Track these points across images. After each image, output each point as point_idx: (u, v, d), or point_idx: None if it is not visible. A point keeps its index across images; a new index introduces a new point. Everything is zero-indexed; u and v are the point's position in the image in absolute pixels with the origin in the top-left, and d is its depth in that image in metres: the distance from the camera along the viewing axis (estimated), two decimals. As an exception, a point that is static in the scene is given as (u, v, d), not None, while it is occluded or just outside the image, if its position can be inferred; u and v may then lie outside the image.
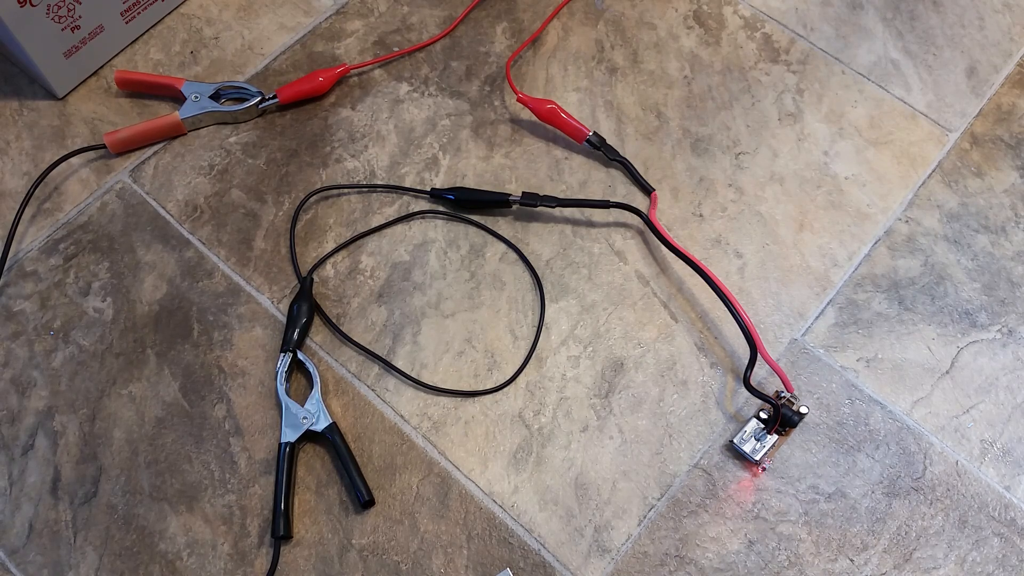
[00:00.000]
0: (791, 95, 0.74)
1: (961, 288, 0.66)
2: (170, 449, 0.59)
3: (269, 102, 0.71)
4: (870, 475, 0.59)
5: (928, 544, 0.57)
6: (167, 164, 0.70)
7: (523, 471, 0.59)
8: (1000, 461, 0.60)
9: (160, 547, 0.57)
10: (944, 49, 0.76)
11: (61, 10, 0.67)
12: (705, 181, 0.70)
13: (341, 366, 0.62)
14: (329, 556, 0.56)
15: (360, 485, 0.57)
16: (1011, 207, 0.69)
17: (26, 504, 0.58)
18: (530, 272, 0.66)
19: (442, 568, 0.56)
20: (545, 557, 0.56)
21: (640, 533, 0.57)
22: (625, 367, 0.62)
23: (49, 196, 0.68)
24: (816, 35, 0.77)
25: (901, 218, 0.68)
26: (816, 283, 0.66)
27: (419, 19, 0.77)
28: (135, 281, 0.65)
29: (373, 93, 0.73)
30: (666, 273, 0.66)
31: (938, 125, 0.72)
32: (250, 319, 0.64)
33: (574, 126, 0.69)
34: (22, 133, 0.71)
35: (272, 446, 0.59)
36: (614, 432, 0.60)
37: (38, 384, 0.61)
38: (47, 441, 0.60)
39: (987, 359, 0.63)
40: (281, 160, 0.70)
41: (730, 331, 0.64)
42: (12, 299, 0.64)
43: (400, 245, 0.67)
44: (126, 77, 0.71)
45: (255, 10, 0.78)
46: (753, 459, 0.58)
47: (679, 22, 0.77)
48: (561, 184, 0.69)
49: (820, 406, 0.61)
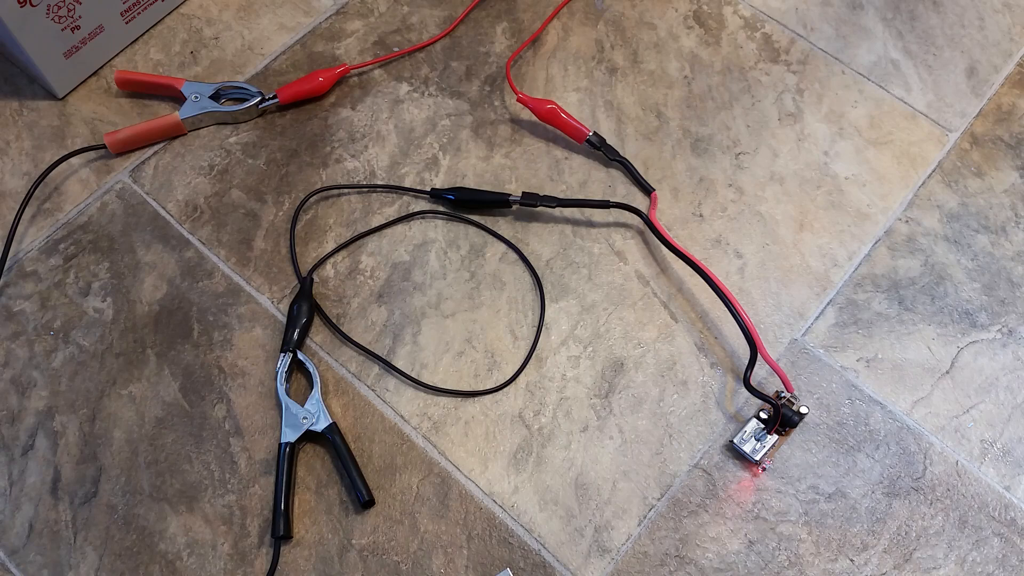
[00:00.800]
0: (791, 95, 0.74)
1: (961, 288, 0.66)
2: (170, 449, 0.59)
3: (269, 102, 0.71)
4: (870, 475, 0.59)
5: (928, 544, 0.57)
6: (167, 164, 0.70)
7: (523, 471, 0.59)
8: (1000, 461, 0.60)
9: (160, 547, 0.57)
10: (944, 49, 0.76)
11: (61, 10, 0.67)
12: (705, 181, 0.70)
13: (341, 366, 0.62)
14: (329, 556, 0.56)
15: (360, 485, 0.57)
16: (1011, 207, 0.69)
17: (26, 504, 0.58)
18: (530, 272, 0.66)
19: (442, 568, 0.56)
20: (545, 557, 0.56)
21: (640, 533, 0.57)
22: (625, 367, 0.62)
23: (49, 196, 0.68)
24: (816, 35, 0.77)
25: (901, 218, 0.68)
26: (816, 283, 0.66)
27: (419, 19, 0.77)
28: (135, 281, 0.65)
29: (373, 93, 0.73)
30: (666, 273, 0.66)
31: (938, 125, 0.72)
32: (250, 319, 0.64)
33: (574, 126, 0.69)
34: (22, 133, 0.71)
35: (272, 446, 0.59)
36: (614, 432, 0.60)
37: (38, 384, 0.61)
38: (47, 441, 0.60)
39: (987, 359, 0.63)
40: (281, 160, 0.70)
41: (730, 331, 0.64)
42: (12, 299, 0.64)
43: (400, 245, 0.67)
44: (126, 77, 0.71)
45: (255, 10, 0.78)
46: (753, 459, 0.58)
47: (679, 22, 0.77)
48: (561, 184, 0.69)
49: (820, 406, 0.61)
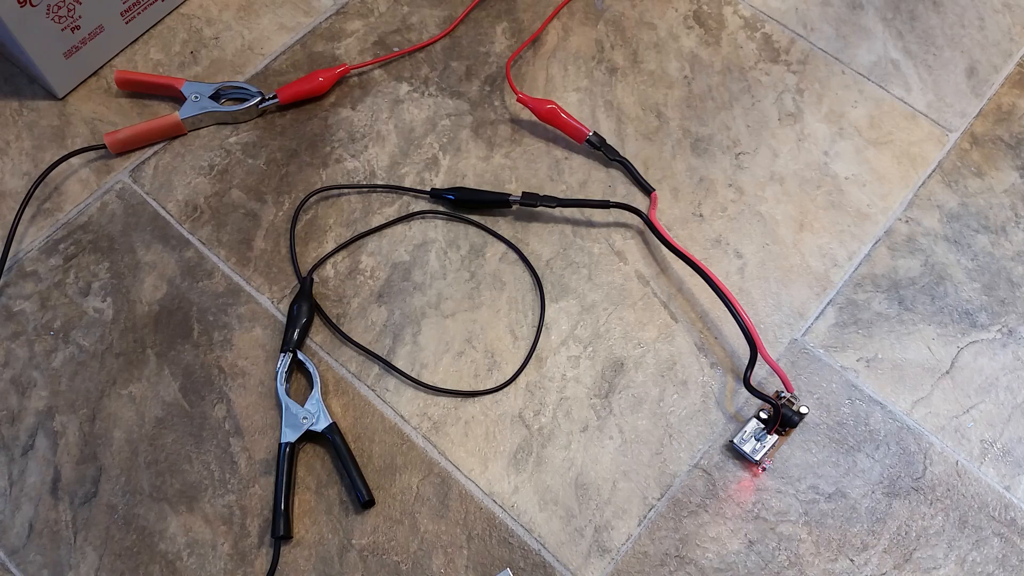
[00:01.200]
0: (791, 95, 0.74)
1: (961, 288, 0.66)
2: (170, 449, 0.59)
3: (269, 102, 0.71)
4: (870, 475, 0.59)
5: (928, 544, 0.57)
6: (167, 164, 0.70)
7: (523, 471, 0.59)
8: (1000, 461, 0.60)
9: (160, 547, 0.57)
10: (944, 49, 0.76)
11: (61, 10, 0.67)
12: (705, 181, 0.70)
13: (341, 366, 0.62)
14: (329, 556, 0.56)
15: (360, 485, 0.57)
16: (1011, 207, 0.69)
17: (26, 504, 0.58)
18: (530, 272, 0.66)
19: (442, 568, 0.56)
20: (545, 557, 0.56)
21: (640, 533, 0.57)
22: (625, 367, 0.62)
23: (49, 196, 0.68)
24: (816, 35, 0.77)
25: (901, 218, 0.68)
26: (816, 283, 0.66)
27: (419, 19, 0.77)
28: (135, 281, 0.65)
29: (373, 93, 0.73)
30: (666, 273, 0.66)
31: (938, 125, 0.72)
32: (250, 319, 0.64)
33: (574, 126, 0.69)
34: (22, 133, 0.71)
35: (272, 446, 0.59)
36: (614, 432, 0.60)
37: (38, 384, 0.61)
38: (47, 441, 0.60)
39: (987, 359, 0.63)
40: (281, 160, 0.70)
41: (730, 331, 0.64)
42: (12, 299, 0.64)
43: (400, 245, 0.67)
44: (126, 77, 0.71)
45: (255, 10, 0.78)
46: (753, 459, 0.58)
47: (679, 22, 0.77)
48: (561, 184, 0.69)
49: (820, 406, 0.61)
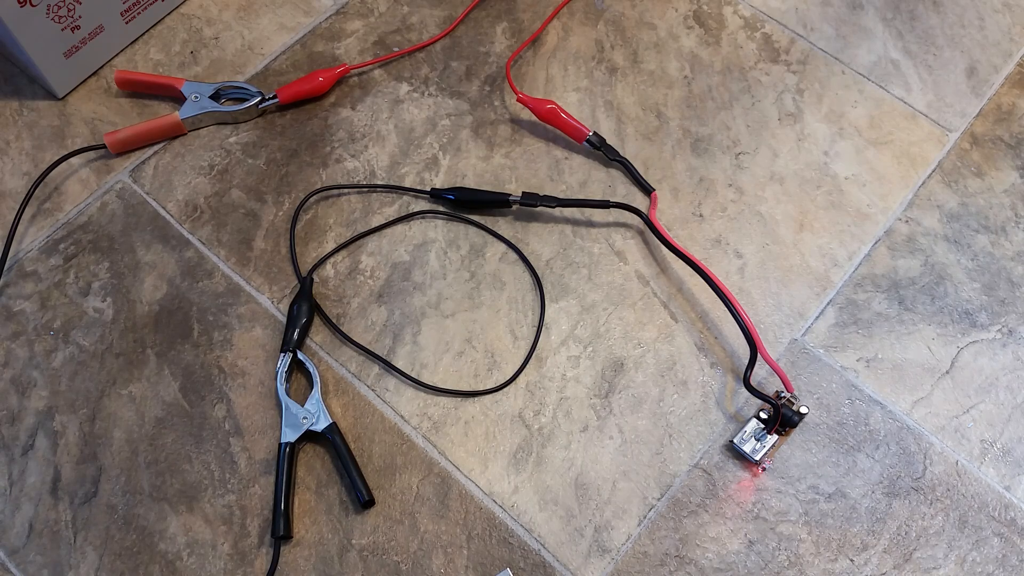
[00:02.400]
0: (791, 95, 0.74)
1: (961, 288, 0.66)
2: (170, 449, 0.59)
3: (269, 102, 0.71)
4: (870, 475, 0.59)
5: (928, 544, 0.57)
6: (167, 164, 0.70)
7: (523, 471, 0.59)
8: (1000, 461, 0.60)
9: (160, 547, 0.57)
10: (944, 49, 0.76)
11: (61, 10, 0.67)
12: (705, 181, 0.70)
13: (341, 366, 0.62)
14: (329, 556, 0.56)
15: (360, 485, 0.57)
16: (1011, 207, 0.69)
17: (26, 504, 0.58)
18: (530, 272, 0.66)
19: (442, 568, 0.56)
20: (545, 557, 0.56)
21: (640, 533, 0.57)
22: (625, 367, 0.62)
23: (49, 196, 0.68)
24: (816, 35, 0.77)
25: (901, 218, 0.68)
26: (816, 283, 0.66)
27: (419, 19, 0.77)
28: (135, 281, 0.65)
29: (373, 93, 0.73)
30: (666, 273, 0.66)
31: (938, 125, 0.72)
32: (250, 319, 0.64)
33: (574, 126, 0.69)
34: (22, 133, 0.71)
35: (272, 446, 0.59)
36: (614, 432, 0.60)
37: (38, 384, 0.61)
38: (47, 441, 0.60)
39: (987, 359, 0.63)
40: (281, 160, 0.70)
41: (730, 331, 0.64)
42: (12, 299, 0.64)
43: (400, 245, 0.67)
44: (126, 77, 0.71)
45: (255, 10, 0.78)
46: (753, 459, 0.58)
47: (679, 22, 0.77)
48: (561, 184, 0.69)
49: (820, 406, 0.61)
